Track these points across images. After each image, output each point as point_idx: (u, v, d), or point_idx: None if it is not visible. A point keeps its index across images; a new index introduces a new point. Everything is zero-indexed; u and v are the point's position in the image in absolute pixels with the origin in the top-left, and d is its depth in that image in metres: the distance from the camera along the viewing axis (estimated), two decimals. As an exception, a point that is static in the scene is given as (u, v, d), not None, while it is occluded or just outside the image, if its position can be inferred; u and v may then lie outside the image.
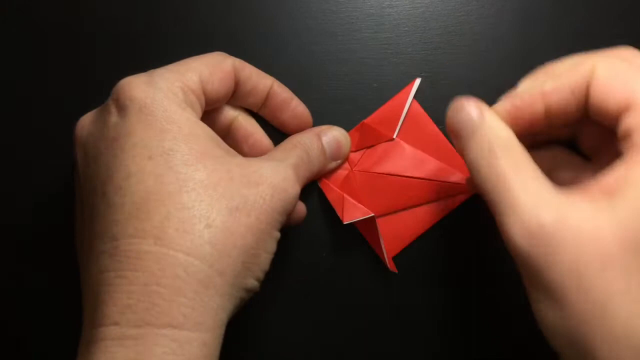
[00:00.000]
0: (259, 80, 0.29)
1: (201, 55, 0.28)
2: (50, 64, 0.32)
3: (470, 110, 0.25)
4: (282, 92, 0.30)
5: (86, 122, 0.26)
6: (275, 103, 0.30)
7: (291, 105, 0.30)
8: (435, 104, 0.32)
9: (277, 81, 0.30)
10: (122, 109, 0.24)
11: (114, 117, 0.25)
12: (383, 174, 0.31)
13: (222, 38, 0.32)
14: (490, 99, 0.32)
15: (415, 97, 0.31)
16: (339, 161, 0.31)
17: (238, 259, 0.24)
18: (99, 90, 0.32)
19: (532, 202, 0.21)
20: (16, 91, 0.32)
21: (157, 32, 0.32)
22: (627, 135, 0.21)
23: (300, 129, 0.31)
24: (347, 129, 0.31)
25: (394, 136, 0.31)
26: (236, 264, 0.23)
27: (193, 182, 0.23)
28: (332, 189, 0.31)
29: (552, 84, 0.24)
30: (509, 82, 0.31)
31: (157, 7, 0.32)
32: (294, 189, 0.26)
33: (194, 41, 0.32)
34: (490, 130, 0.24)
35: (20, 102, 0.32)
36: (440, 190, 0.31)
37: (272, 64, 0.32)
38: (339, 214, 0.30)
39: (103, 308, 0.22)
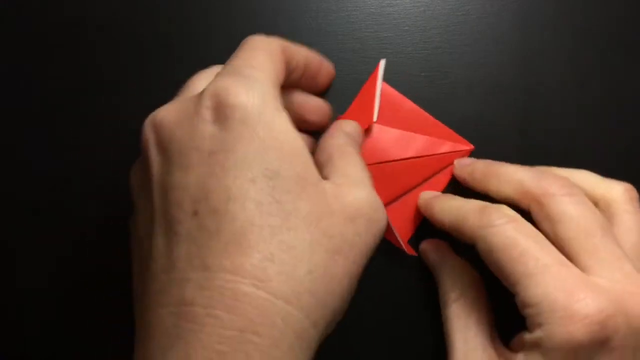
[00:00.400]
0: (299, 54, 0.26)
1: (248, 43, 0.24)
2: (50, 58, 0.32)
3: (431, 255, 0.30)
4: (315, 58, 0.28)
5: (170, 121, 0.22)
6: (312, 71, 0.28)
7: (323, 65, 0.29)
8: (435, 103, 0.32)
9: (306, 48, 0.28)
10: (221, 118, 0.21)
11: (209, 127, 0.21)
12: (375, 164, 0.30)
13: (222, 38, 0.32)
14: (491, 99, 0.32)
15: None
16: None
17: (332, 307, 0.21)
18: (99, 89, 0.32)
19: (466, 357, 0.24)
20: (16, 89, 0.32)
21: (156, 32, 0.32)
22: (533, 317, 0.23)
23: (328, 86, 0.30)
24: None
25: (374, 119, 0.30)
26: (330, 313, 0.21)
27: (296, 217, 0.21)
28: None
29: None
30: (509, 82, 0.32)
31: (157, 6, 0.32)
32: (384, 218, 0.23)
33: (194, 41, 0.32)
34: (445, 278, 0.28)
35: (20, 99, 0.32)
36: (434, 163, 0.31)
37: (272, 63, 0.32)
38: None
39: (187, 349, 0.19)
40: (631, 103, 0.32)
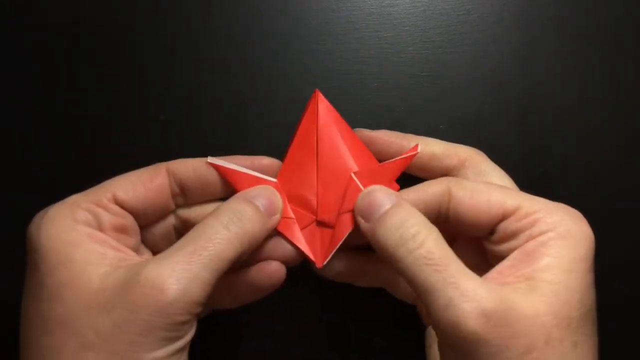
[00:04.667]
0: (201, 172, 0.28)
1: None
2: (49, 59, 0.32)
3: (381, 194, 0.26)
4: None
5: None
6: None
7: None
8: (436, 103, 0.32)
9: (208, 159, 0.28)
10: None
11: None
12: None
13: (223, 38, 0.32)
14: (491, 99, 0.32)
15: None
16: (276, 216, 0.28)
17: None
18: (98, 93, 0.32)
19: (480, 287, 0.22)
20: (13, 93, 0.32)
21: (156, 33, 0.32)
22: (512, 236, 0.25)
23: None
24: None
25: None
26: None
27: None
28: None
29: (407, 196, 0.26)
30: (509, 82, 0.32)
31: (157, 7, 0.32)
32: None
33: (194, 41, 0.32)
34: (409, 209, 0.25)
35: (21, 99, 0.32)
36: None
37: (272, 63, 0.32)
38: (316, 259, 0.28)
39: None
40: (631, 102, 0.32)
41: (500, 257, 0.25)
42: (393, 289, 0.30)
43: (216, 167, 0.28)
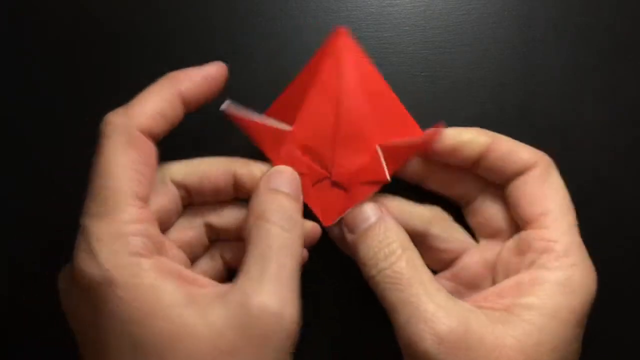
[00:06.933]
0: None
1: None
2: (48, 58, 0.32)
3: (368, 207, 0.26)
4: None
5: None
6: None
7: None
8: (435, 103, 0.32)
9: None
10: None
11: None
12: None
13: (222, 38, 0.32)
14: (490, 99, 0.32)
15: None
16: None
17: None
18: (98, 93, 0.32)
19: (440, 309, 0.23)
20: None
21: (156, 32, 0.32)
22: (523, 252, 0.25)
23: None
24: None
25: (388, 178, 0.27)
26: None
27: None
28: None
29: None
30: (509, 82, 0.32)
31: (157, 7, 0.32)
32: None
33: (194, 40, 0.32)
34: (390, 227, 0.26)
35: (21, 99, 0.32)
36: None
37: (272, 63, 0.32)
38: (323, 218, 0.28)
39: None
40: (631, 103, 0.32)
41: (507, 264, 0.26)
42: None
43: (232, 116, 0.27)
